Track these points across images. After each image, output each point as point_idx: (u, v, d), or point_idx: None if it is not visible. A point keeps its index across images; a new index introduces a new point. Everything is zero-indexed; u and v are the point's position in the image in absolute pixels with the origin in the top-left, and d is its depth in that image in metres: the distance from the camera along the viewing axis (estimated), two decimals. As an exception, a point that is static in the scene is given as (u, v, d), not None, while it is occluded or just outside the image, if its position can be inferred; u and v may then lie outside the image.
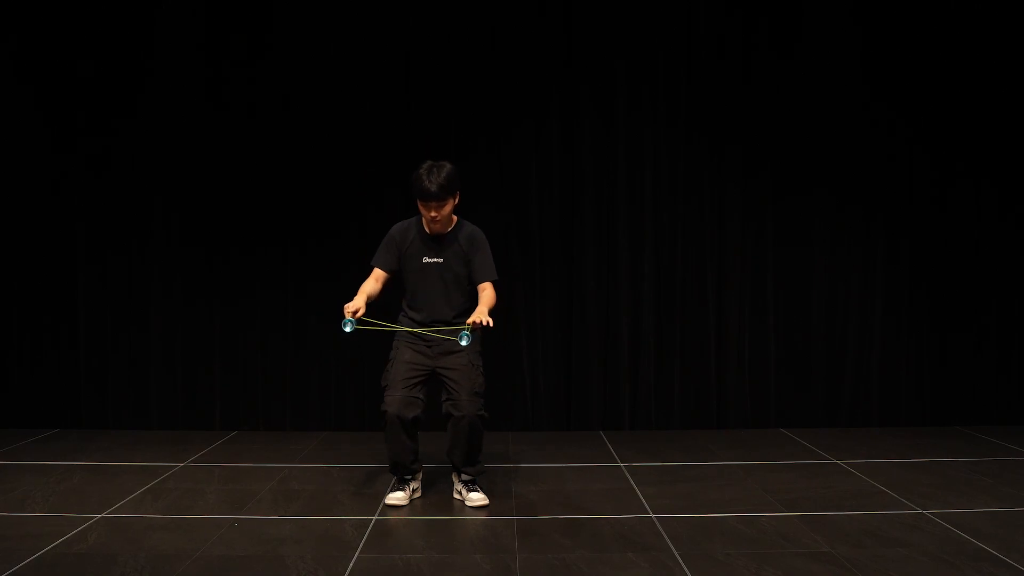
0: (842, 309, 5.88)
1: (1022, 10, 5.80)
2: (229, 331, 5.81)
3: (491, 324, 3.85)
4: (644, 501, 4.15)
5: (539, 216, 5.81)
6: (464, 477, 4.17)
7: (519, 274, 5.80)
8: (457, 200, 4.04)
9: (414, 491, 4.18)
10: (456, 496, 4.20)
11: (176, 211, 5.81)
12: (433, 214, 3.97)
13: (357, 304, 3.91)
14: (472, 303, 4.09)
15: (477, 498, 4.08)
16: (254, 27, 5.75)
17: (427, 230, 4.09)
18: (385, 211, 5.52)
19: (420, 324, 4.09)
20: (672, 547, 3.51)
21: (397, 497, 4.10)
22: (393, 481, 4.21)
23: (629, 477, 4.60)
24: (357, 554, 3.45)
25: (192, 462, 4.93)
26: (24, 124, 5.80)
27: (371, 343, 5.56)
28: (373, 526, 3.81)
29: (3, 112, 5.80)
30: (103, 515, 3.93)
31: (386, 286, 4.16)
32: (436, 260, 4.06)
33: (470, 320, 3.85)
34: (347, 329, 3.84)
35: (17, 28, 5.76)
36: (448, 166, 3.95)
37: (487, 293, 4.05)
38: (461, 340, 3.79)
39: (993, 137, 5.86)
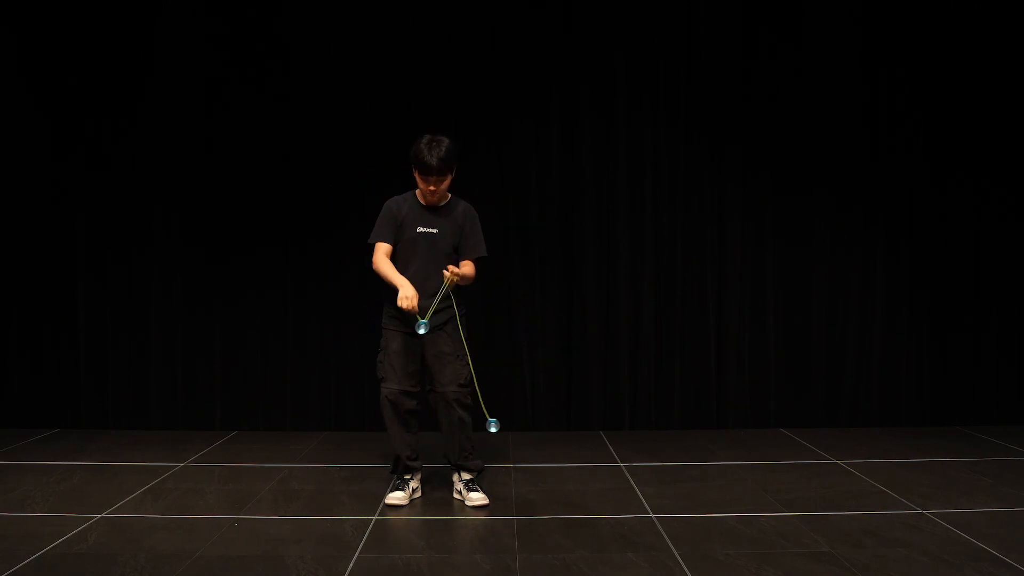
0: (842, 309, 5.88)
1: (1022, 10, 5.80)
2: (229, 331, 5.81)
3: (456, 279, 3.91)
4: (644, 501, 4.15)
5: (539, 216, 5.81)
6: (464, 476, 4.18)
7: (519, 274, 5.80)
8: (454, 175, 4.08)
9: (414, 491, 4.19)
10: (456, 496, 4.20)
11: (176, 211, 5.80)
12: (432, 188, 4.01)
13: (414, 291, 3.88)
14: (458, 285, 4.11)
15: (477, 498, 4.08)
16: (254, 27, 5.75)
17: (423, 201, 4.11)
18: (385, 211, 5.53)
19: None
20: (672, 547, 3.51)
21: (397, 497, 4.10)
22: (393, 481, 4.22)
23: (629, 477, 4.60)
24: (357, 554, 3.45)
25: (192, 462, 4.93)
26: (24, 124, 5.80)
27: (371, 343, 5.57)
28: (373, 526, 3.81)
29: (4, 113, 5.80)
30: (103, 515, 3.93)
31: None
32: (430, 231, 4.07)
33: (448, 271, 3.90)
34: (422, 331, 3.86)
35: (18, 28, 5.75)
36: (447, 141, 4.01)
37: (468, 265, 4.11)
38: (419, 329, 3.84)
39: (993, 137, 5.85)
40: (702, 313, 5.85)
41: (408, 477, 4.19)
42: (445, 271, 3.93)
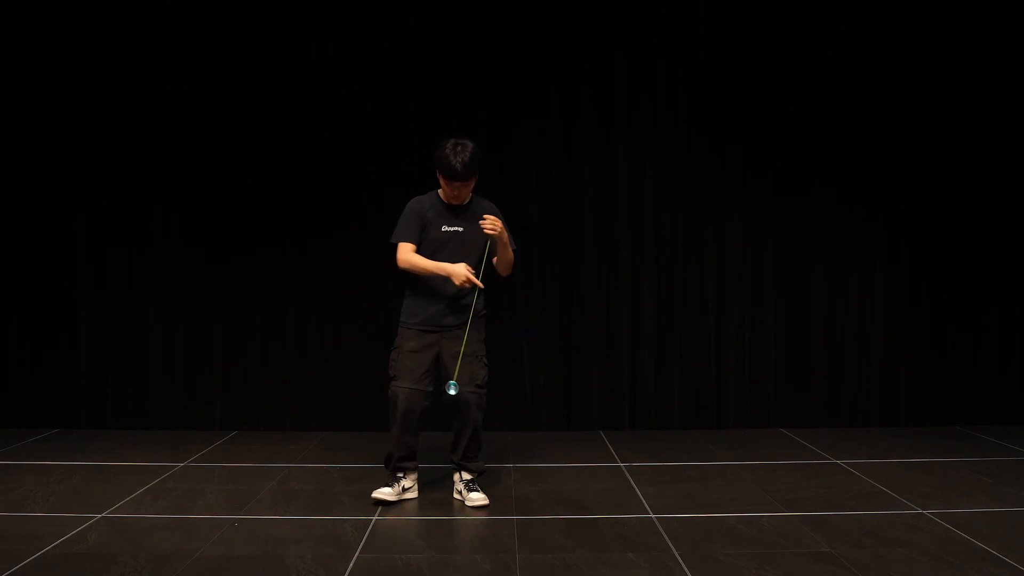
0: (842, 309, 5.88)
1: (1022, 11, 5.80)
2: (229, 331, 5.81)
3: (497, 231, 3.91)
4: (644, 501, 4.15)
5: (539, 216, 5.81)
6: (464, 477, 4.18)
7: (519, 274, 5.78)
8: (478, 177, 4.09)
9: (405, 489, 4.17)
10: (456, 496, 4.20)
11: (176, 211, 5.80)
12: (456, 192, 4.03)
13: (461, 268, 3.92)
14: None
15: (477, 498, 4.08)
16: (254, 27, 5.75)
17: (446, 200, 4.12)
18: (385, 211, 5.48)
19: (431, 293, 4.06)
20: (672, 547, 3.51)
21: (385, 492, 4.09)
22: (387, 476, 4.21)
23: (629, 477, 4.60)
24: (357, 554, 3.45)
25: (192, 462, 4.93)
26: (24, 124, 5.80)
27: (371, 343, 5.57)
28: (373, 526, 3.81)
29: (4, 112, 5.80)
30: (103, 515, 3.93)
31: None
32: (456, 229, 4.08)
33: (489, 225, 3.91)
34: (452, 392, 3.92)
35: (18, 27, 5.75)
36: (471, 145, 4.00)
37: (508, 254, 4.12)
38: (450, 390, 3.91)
39: (993, 137, 5.86)
40: (702, 313, 5.85)
41: (400, 476, 4.18)
42: (484, 225, 3.91)
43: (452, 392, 3.91)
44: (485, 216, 3.95)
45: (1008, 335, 5.91)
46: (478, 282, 3.92)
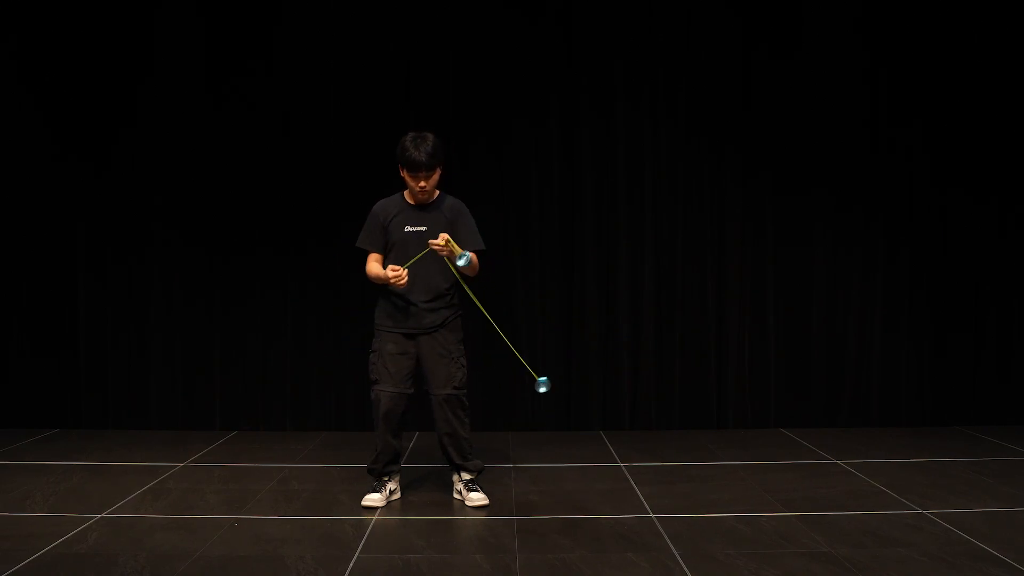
0: (842, 309, 5.88)
1: (1022, 12, 5.80)
2: (229, 331, 5.81)
3: (440, 248, 3.81)
4: (644, 501, 4.15)
5: (539, 216, 5.81)
6: (464, 477, 4.18)
7: (519, 274, 5.80)
8: (442, 169, 4.06)
9: (391, 492, 4.17)
10: (456, 496, 4.20)
11: (176, 211, 5.81)
12: (422, 184, 3.99)
13: (396, 271, 3.87)
14: (456, 282, 4.09)
15: (477, 498, 4.08)
16: (255, 29, 5.75)
17: (411, 201, 4.10)
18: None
19: (402, 298, 4.04)
20: (672, 547, 3.51)
21: (373, 499, 4.09)
22: (371, 482, 4.20)
23: (629, 477, 4.60)
24: (357, 554, 3.45)
25: (192, 462, 4.93)
26: (24, 125, 5.80)
27: (371, 343, 5.57)
28: (373, 526, 3.81)
29: (3, 113, 5.80)
30: (103, 515, 3.93)
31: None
32: (419, 228, 4.04)
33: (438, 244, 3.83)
34: (542, 390, 3.90)
35: (17, 28, 5.76)
36: (431, 135, 3.99)
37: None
38: (460, 260, 3.77)
39: (993, 139, 5.85)
40: (702, 313, 5.85)
41: (386, 479, 4.17)
42: (432, 243, 3.84)
43: (543, 390, 3.86)
44: (441, 237, 3.87)
45: (1008, 335, 5.90)
46: (402, 272, 3.86)
